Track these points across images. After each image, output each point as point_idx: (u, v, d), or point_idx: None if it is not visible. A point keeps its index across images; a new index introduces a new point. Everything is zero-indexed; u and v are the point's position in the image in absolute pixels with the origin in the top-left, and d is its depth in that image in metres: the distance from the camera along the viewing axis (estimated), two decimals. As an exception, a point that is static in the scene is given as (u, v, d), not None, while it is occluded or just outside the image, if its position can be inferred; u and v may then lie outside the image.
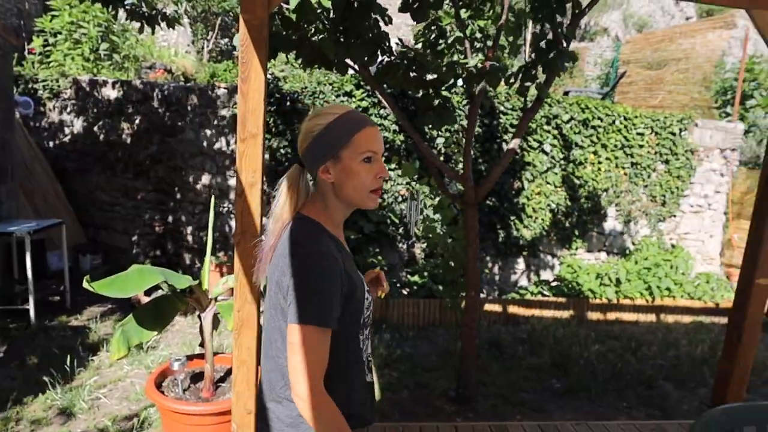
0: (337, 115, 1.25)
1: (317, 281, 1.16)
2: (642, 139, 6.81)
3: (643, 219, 7.04)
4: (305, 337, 1.14)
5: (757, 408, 1.70)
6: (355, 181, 1.24)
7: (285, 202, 1.30)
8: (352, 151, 1.23)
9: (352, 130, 1.23)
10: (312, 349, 1.14)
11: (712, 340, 5.15)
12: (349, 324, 1.25)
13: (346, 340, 1.25)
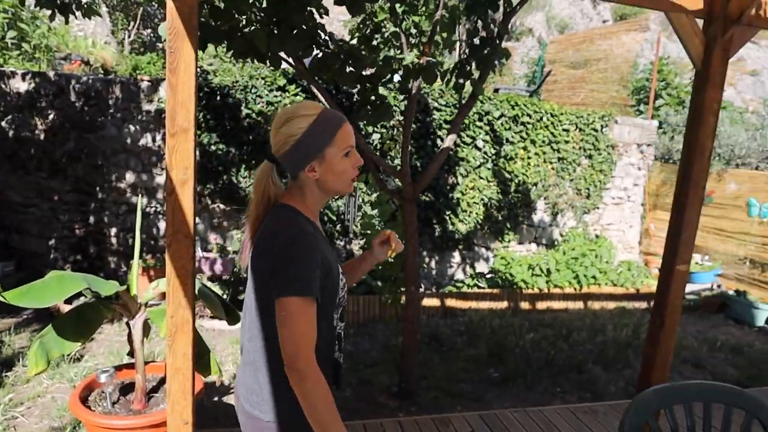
0: (314, 117, 1.31)
1: (298, 255, 1.23)
2: (567, 135, 7.13)
3: (569, 211, 7.38)
4: (294, 308, 1.20)
5: (684, 387, 1.81)
6: (338, 172, 1.34)
7: (260, 195, 1.36)
8: (335, 149, 1.32)
9: (333, 130, 1.32)
10: (301, 319, 1.20)
11: (635, 324, 5.48)
12: (327, 304, 1.32)
13: (325, 322, 1.32)
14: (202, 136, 5.31)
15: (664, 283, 2.76)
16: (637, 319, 5.65)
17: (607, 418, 3.40)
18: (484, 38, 3.08)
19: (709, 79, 2.53)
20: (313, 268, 1.24)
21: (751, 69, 19.66)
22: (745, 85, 18.39)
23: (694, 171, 2.62)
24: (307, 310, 1.21)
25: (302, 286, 1.21)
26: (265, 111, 5.45)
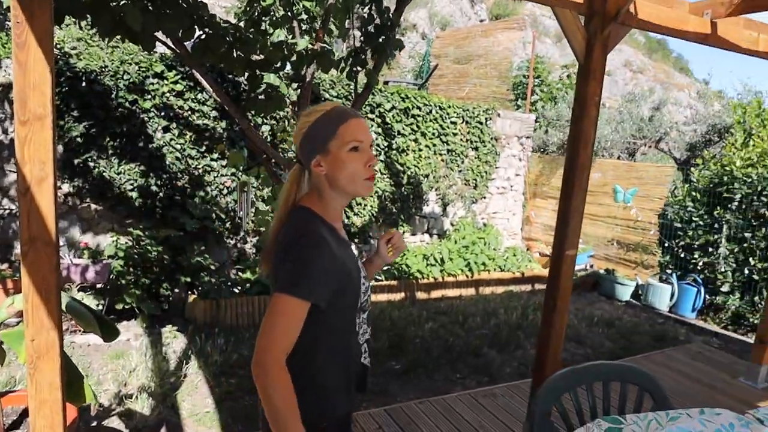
0: (323, 112, 1.33)
1: (302, 256, 1.23)
2: (455, 128, 7.36)
3: (459, 201, 7.64)
4: (282, 305, 1.19)
5: (585, 369, 1.87)
6: (347, 170, 1.31)
7: (286, 198, 1.37)
8: (339, 143, 1.31)
9: (337, 123, 1.31)
10: (284, 317, 1.19)
11: (522, 306, 5.81)
12: (346, 307, 1.34)
13: (346, 326, 1.35)
14: (66, 127, 4.69)
15: (555, 268, 2.89)
16: (524, 302, 5.99)
17: (506, 400, 3.54)
18: (378, 26, 3.00)
19: (591, 73, 2.68)
20: (316, 272, 1.23)
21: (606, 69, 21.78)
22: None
23: (579, 160, 2.76)
24: (296, 311, 1.20)
25: (298, 287, 1.21)
26: (140, 100, 4.95)
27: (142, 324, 4.52)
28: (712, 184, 6.28)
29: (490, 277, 6.72)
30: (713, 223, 6.22)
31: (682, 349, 4.92)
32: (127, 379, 3.54)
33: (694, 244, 6.40)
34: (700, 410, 1.82)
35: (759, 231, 5.75)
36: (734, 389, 4.08)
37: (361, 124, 1.34)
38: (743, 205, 5.92)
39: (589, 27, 2.65)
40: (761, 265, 5.73)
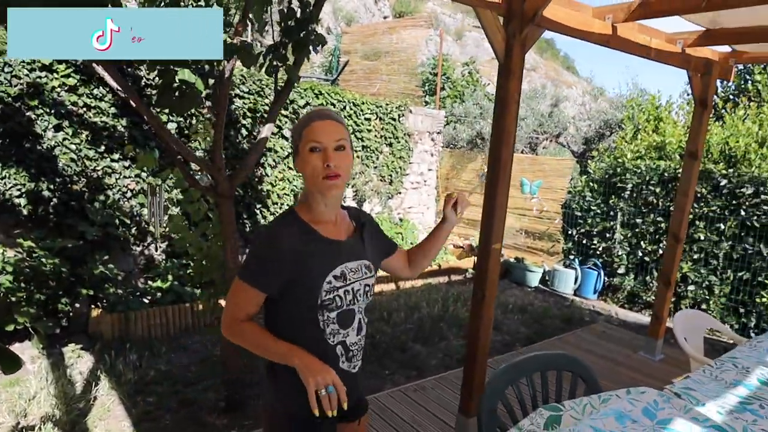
0: (301, 117, 1.49)
1: (255, 248, 1.42)
2: (369, 124, 7.37)
3: (375, 197, 7.67)
4: (236, 287, 1.42)
5: (524, 361, 1.93)
6: (307, 169, 1.41)
7: None
8: (303, 144, 1.42)
9: (303, 126, 1.43)
10: (233, 295, 1.43)
11: (443, 298, 5.95)
12: (302, 302, 1.40)
13: (301, 319, 1.42)
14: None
15: (482, 261, 2.98)
16: (444, 293, 6.15)
17: (436, 392, 3.60)
18: (299, 20, 2.90)
19: (511, 72, 2.76)
20: (262, 262, 1.39)
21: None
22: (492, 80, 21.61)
23: (502, 156, 2.85)
24: (243, 292, 1.41)
25: (246, 273, 1.40)
26: (24, 94, 4.43)
27: (38, 345, 4.07)
28: (607, 175, 6.81)
29: (410, 272, 6.82)
30: (609, 211, 6.75)
31: (588, 329, 5.30)
32: (27, 409, 3.17)
33: (593, 231, 6.92)
34: (627, 390, 1.95)
35: (648, 217, 6.33)
36: (636, 362, 4.46)
37: (322, 126, 1.41)
38: (634, 194, 6.48)
39: (509, 28, 2.74)
40: (651, 248, 6.32)
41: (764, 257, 5.42)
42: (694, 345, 3.06)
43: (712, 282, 5.77)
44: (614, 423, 1.71)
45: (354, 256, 1.50)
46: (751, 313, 5.52)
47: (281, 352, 1.35)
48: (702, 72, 4.25)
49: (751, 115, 6.04)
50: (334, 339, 1.45)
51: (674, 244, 4.55)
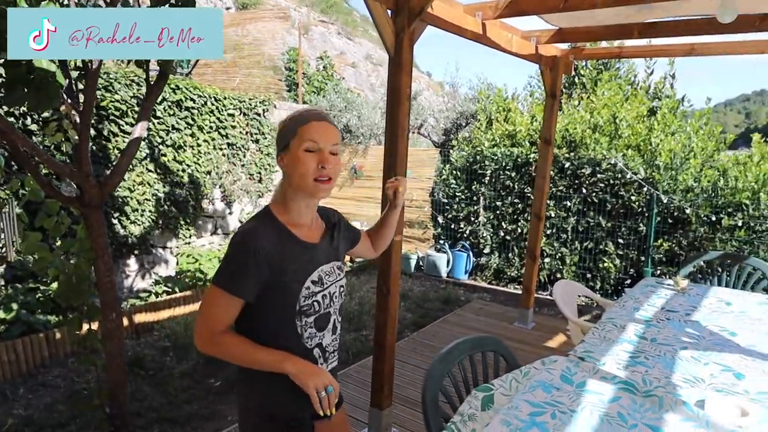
0: (296, 113, 1.43)
1: (231, 252, 1.33)
2: (233, 120, 7.01)
3: (245, 197, 7.33)
4: (212, 296, 1.33)
5: (455, 348, 1.98)
6: (300, 168, 1.37)
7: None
8: (297, 141, 1.38)
9: (299, 124, 1.39)
10: (208, 305, 1.33)
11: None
12: (279, 307, 1.36)
13: (279, 325, 1.38)
14: None
15: (386, 255, 2.99)
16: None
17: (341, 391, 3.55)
18: (174, 4, 2.62)
19: (402, 66, 2.80)
20: (244, 267, 1.30)
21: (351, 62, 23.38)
22: (349, 75, 21.92)
23: (398, 149, 2.89)
24: (219, 299, 1.32)
25: (221, 279, 1.31)
26: None
27: None
28: (468, 163, 7.29)
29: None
30: (472, 196, 7.24)
31: (467, 308, 5.65)
32: None
33: (460, 215, 7.37)
34: (541, 362, 2.10)
35: (506, 199, 6.91)
36: (514, 333, 4.86)
37: (320, 127, 1.39)
38: (493, 179, 7.03)
39: (397, 21, 2.76)
40: (511, 227, 6.92)
41: (603, 228, 6.25)
42: (571, 310, 3.41)
43: (563, 253, 6.50)
44: (543, 393, 1.83)
45: (327, 258, 1.49)
46: (596, 277, 6.34)
47: (270, 360, 1.31)
48: (551, 67, 4.73)
49: (583, 105, 6.89)
50: (312, 342, 1.43)
51: (536, 222, 5.03)
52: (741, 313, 2.98)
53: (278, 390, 1.36)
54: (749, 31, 3.59)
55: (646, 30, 3.81)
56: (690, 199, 5.69)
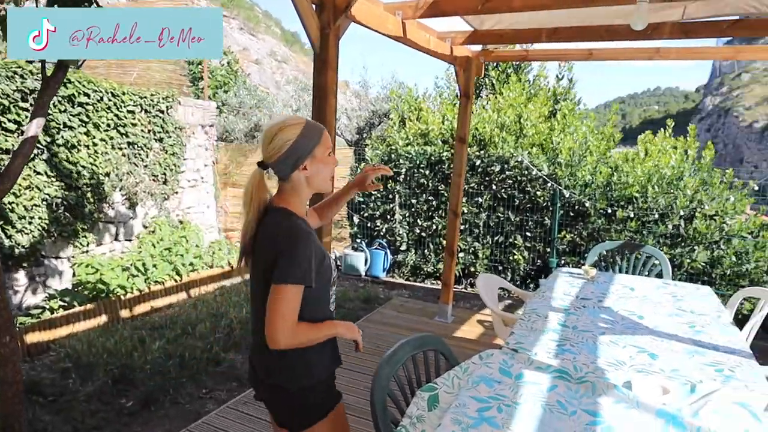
0: (303, 125, 1.56)
1: (297, 249, 1.48)
2: (134, 117, 6.51)
3: (150, 200, 6.85)
4: (289, 293, 1.45)
5: (400, 348, 1.96)
6: (325, 171, 1.61)
7: (257, 200, 1.57)
8: (322, 148, 1.58)
9: (319, 133, 1.59)
10: (284, 302, 1.45)
11: (243, 299, 5.67)
12: (324, 283, 1.60)
13: (320, 296, 1.61)
14: None
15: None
16: (245, 295, 5.86)
17: (269, 399, 3.42)
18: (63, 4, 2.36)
19: (328, 62, 2.74)
20: (306, 260, 1.48)
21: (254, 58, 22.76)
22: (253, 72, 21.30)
23: (326, 149, 2.82)
24: (295, 295, 1.46)
25: (294, 276, 1.46)
26: None
27: None
28: (383, 161, 7.34)
29: (201, 277, 6.32)
30: (388, 195, 7.31)
31: (388, 306, 5.69)
32: None
33: (376, 214, 7.41)
34: (479, 356, 2.15)
35: (421, 197, 7.05)
36: (435, 327, 4.97)
37: (328, 135, 1.63)
38: (408, 177, 7.14)
39: (322, 17, 2.70)
40: (426, 224, 7.07)
41: (512, 222, 6.57)
42: (493, 302, 3.54)
43: (476, 248, 6.76)
44: (486, 388, 1.87)
45: None
46: (507, 269, 6.65)
47: (329, 330, 1.61)
48: (464, 67, 4.88)
49: (491, 105, 7.20)
50: (333, 306, 1.73)
51: (453, 219, 5.17)
52: (644, 298, 3.25)
53: (318, 358, 1.63)
54: (640, 39, 3.93)
55: (552, 34, 4.03)
56: (588, 194, 6.14)
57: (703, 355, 2.31)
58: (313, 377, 1.61)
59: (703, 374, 2.09)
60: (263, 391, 1.68)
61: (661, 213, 5.81)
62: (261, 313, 1.50)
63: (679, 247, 5.74)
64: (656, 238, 5.84)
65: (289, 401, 1.62)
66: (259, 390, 1.70)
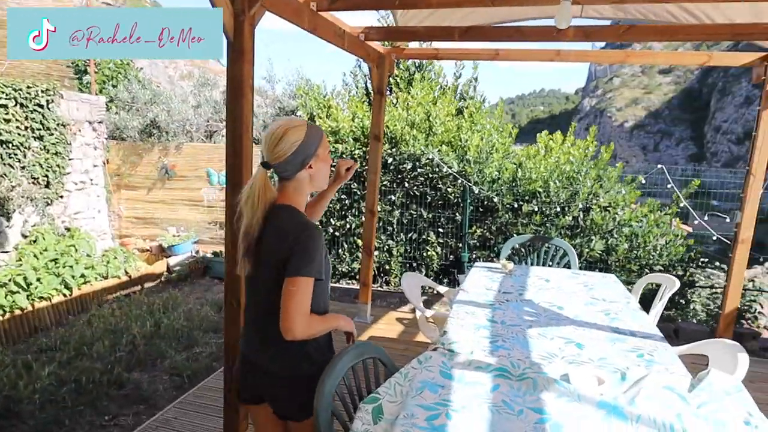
0: (306, 126, 1.70)
1: (310, 244, 1.59)
2: (6, 113, 5.75)
3: (29, 206, 6.09)
4: (304, 285, 1.56)
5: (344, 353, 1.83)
6: (326, 169, 1.77)
7: (263, 198, 1.65)
8: (324, 148, 1.74)
9: (320, 133, 1.74)
10: (300, 294, 1.56)
11: (148, 311, 5.21)
12: (326, 276, 1.73)
13: (323, 290, 1.75)
14: None
15: (233, 265, 2.69)
16: (148, 307, 5.39)
17: (183, 420, 3.14)
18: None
19: (244, 52, 2.53)
20: (318, 254, 1.60)
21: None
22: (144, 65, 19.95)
23: (243, 146, 2.62)
24: (309, 286, 1.58)
25: (309, 269, 1.57)
26: None
27: None
28: (294, 160, 7.10)
29: (95, 289, 5.73)
30: (299, 194, 7.09)
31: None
32: None
33: (287, 214, 7.16)
34: (417, 360, 2.09)
35: (335, 195, 6.92)
36: (356, 328, 4.87)
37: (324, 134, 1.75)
38: (320, 176, 6.97)
39: (236, 3, 2.49)
40: (339, 224, 6.95)
41: (425, 219, 6.65)
42: (417, 300, 3.51)
43: (390, 246, 6.76)
44: (431, 394, 1.81)
45: None
46: (422, 266, 6.72)
47: (332, 322, 1.76)
48: (378, 64, 4.83)
49: (400, 103, 7.22)
50: (328, 299, 1.84)
51: (370, 218, 5.11)
52: (559, 288, 3.39)
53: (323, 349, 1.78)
54: (545, 41, 4.10)
55: (465, 33, 4.09)
56: (496, 189, 6.36)
57: (623, 342, 2.42)
58: (314, 365, 1.72)
59: (627, 360, 2.18)
60: (266, 387, 1.74)
61: (562, 206, 6.16)
62: (267, 306, 1.62)
63: (578, 237, 6.12)
64: (558, 230, 6.18)
65: (295, 389, 1.70)
66: (259, 387, 1.76)
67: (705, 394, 1.80)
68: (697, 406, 1.74)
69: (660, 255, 5.99)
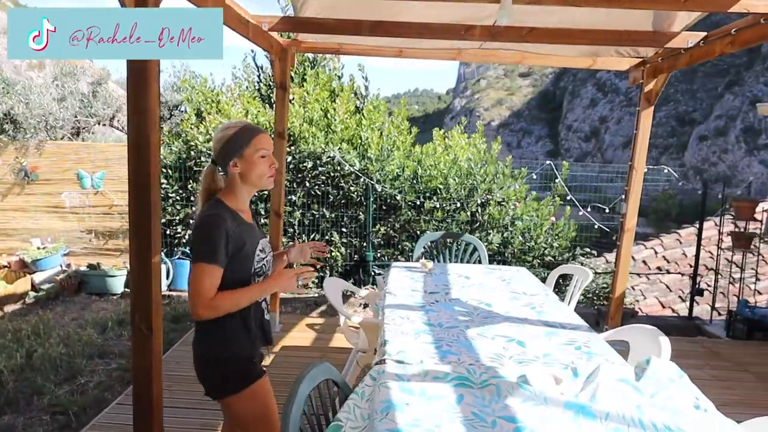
0: (238, 127, 1.84)
1: (206, 231, 1.71)
2: None
3: None
4: (199, 271, 1.68)
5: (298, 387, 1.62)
6: (257, 170, 1.83)
7: (204, 190, 1.89)
8: (251, 149, 1.81)
9: (250, 136, 1.82)
10: (199, 279, 1.67)
11: (14, 339, 4.44)
12: (240, 271, 1.79)
13: (241, 285, 1.78)
14: None
15: (143, 281, 2.33)
16: (13, 334, 4.59)
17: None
18: None
19: (148, 38, 2.18)
20: (217, 242, 1.68)
21: None
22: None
23: (151, 142, 2.27)
24: (207, 272, 1.68)
25: (205, 255, 1.68)
26: None
27: None
28: (181, 160, 6.54)
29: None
30: (189, 197, 6.54)
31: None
32: None
33: (176, 219, 6.58)
34: (370, 377, 1.94)
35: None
36: (266, 340, 4.57)
37: (266, 138, 1.86)
38: (212, 176, 6.47)
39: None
40: (236, 227, 6.52)
41: (327, 219, 6.47)
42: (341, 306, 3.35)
43: (292, 248, 6.48)
44: (398, 414, 1.67)
45: (261, 235, 1.94)
46: (326, 267, 6.54)
47: (258, 291, 1.81)
48: (280, 57, 4.56)
49: (296, 99, 6.94)
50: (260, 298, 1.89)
51: (276, 220, 4.83)
52: (481, 285, 3.43)
53: (234, 334, 1.80)
54: (452, 39, 4.13)
55: (374, 28, 3.97)
56: (397, 187, 6.37)
57: (557, 336, 2.47)
58: (227, 350, 1.80)
59: (569, 354, 2.22)
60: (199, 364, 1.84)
61: (461, 202, 6.34)
62: None
63: (477, 231, 6.34)
64: (459, 225, 6.36)
65: (204, 369, 1.82)
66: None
67: (653, 383, 1.87)
68: (650, 395, 1.79)
69: (550, 246, 6.40)
